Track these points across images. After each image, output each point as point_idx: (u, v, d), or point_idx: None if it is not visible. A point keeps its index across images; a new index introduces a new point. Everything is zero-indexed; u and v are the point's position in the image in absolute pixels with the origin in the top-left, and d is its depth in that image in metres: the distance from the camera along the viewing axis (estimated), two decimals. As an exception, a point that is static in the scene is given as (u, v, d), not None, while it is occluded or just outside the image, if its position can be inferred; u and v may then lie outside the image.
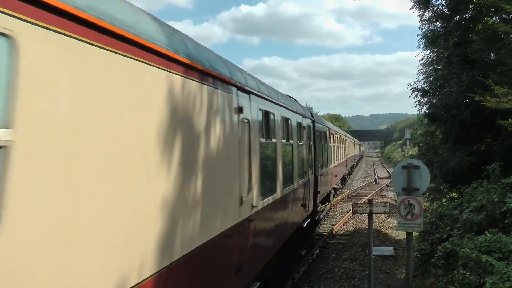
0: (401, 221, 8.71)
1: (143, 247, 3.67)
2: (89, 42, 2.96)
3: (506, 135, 11.93)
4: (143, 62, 3.70)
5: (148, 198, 3.78)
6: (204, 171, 4.97)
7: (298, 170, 11.40)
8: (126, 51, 3.42)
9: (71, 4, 2.75)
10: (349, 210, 22.02)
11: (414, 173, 8.63)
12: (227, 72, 5.95)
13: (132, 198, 3.51)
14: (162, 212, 4.00)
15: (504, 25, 10.30)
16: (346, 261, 14.21)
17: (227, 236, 5.83)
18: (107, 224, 3.19)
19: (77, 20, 2.81)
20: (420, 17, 15.19)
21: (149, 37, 3.78)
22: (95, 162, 3.02)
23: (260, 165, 7.51)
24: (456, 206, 10.91)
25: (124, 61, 3.41)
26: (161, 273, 3.94)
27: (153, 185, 3.85)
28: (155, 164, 3.89)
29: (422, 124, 18.23)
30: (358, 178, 44.81)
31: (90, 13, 2.94)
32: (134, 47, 3.53)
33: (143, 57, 3.69)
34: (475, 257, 6.96)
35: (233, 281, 6.22)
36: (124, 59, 3.41)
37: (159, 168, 3.96)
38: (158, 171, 3.94)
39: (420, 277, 10.22)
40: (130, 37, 3.44)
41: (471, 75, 12.55)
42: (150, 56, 3.80)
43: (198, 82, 4.86)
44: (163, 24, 4.48)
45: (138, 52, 3.60)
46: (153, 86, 3.87)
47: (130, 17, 3.58)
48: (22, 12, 2.37)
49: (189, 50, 4.71)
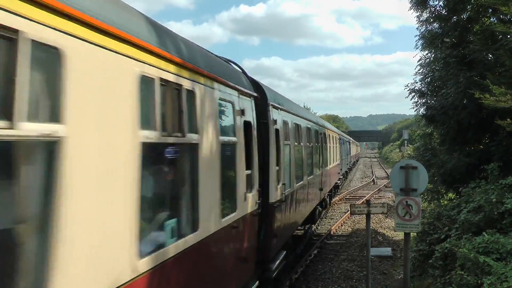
0: (399, 222, 8.71)
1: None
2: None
3: (504, 135, 11.94)
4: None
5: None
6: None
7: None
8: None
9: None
10: (347, 210, 22.02)
11: (412, 173, 8.63)
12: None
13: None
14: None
15: (502, 25, 10.31)
16: (344, 261, 14.21)
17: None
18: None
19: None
20: (418, 18, 15.21)
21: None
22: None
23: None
24: (454, 206, 10.91)
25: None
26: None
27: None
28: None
29: (420, 125, 18.25)
30: (356, 178, 44.85)
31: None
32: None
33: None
34: (473, 258, 6.95)
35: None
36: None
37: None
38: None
39: (418, 278, 10.22)
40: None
41: (468, 76, 12.55)
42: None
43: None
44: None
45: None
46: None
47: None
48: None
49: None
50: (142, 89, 3.79)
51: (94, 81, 3.17)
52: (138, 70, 3.78)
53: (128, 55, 3.64)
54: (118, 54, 3.50)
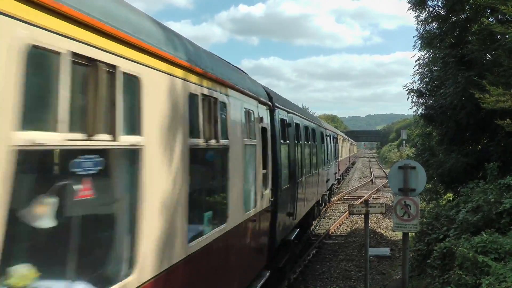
0: (398, 222, 8.70)
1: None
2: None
3: (503, 135, 11.95)
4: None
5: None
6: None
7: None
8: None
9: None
10: (345, 210, 22.00)
11: (411, 173, 8.62)
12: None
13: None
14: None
15: (500, 25, 10.31)
16: (342, 261, 14.19)
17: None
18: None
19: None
20: (417, 18, 15.22)
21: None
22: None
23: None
24: (452, 206, 10.92)
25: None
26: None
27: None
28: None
29: (418, 125, 18.25)
30: (354, 178, 44.87)
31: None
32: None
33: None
34: (472, 258, 6.95)
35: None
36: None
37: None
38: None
39: (417, 278, 10.22)
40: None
41: (467, 76, 12.56)
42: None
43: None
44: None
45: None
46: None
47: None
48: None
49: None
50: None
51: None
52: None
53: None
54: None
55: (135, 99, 3.60)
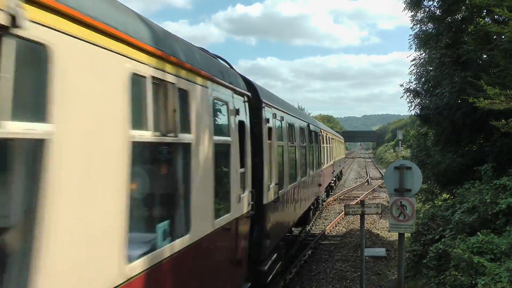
0: (393, 222, 8.68)
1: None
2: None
3: (498, 136, 11.95)
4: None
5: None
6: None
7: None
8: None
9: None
10: (341, 211, 22.00)
11: (406, 174, 8.60)
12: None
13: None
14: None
15: (496, 26, 10.31)
16: (338, 262, 14.18)
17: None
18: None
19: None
20: (412, 18, 15.21)
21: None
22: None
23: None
24: (448, 207, 10.90)
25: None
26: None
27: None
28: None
29: (414, 125, 18.25)
30: (350, 179, 44.88)
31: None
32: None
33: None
34: (467, 258, 6.93)
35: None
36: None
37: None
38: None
39: (412, 278, 10.20)
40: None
41: (463, 76, 12.55)
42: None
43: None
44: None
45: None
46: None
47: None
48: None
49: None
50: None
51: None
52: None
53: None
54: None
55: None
